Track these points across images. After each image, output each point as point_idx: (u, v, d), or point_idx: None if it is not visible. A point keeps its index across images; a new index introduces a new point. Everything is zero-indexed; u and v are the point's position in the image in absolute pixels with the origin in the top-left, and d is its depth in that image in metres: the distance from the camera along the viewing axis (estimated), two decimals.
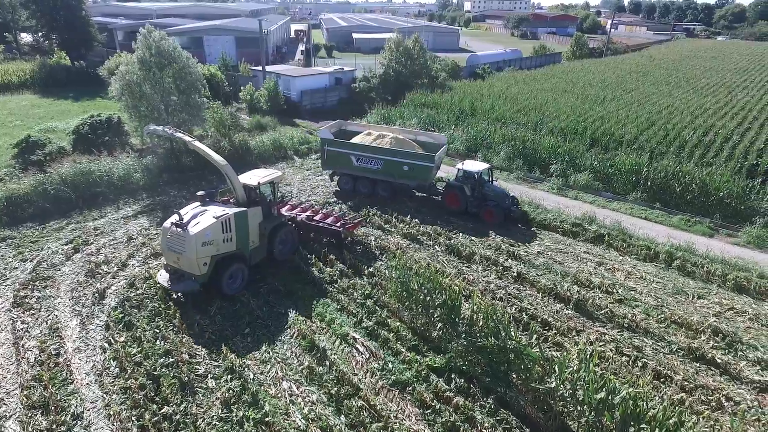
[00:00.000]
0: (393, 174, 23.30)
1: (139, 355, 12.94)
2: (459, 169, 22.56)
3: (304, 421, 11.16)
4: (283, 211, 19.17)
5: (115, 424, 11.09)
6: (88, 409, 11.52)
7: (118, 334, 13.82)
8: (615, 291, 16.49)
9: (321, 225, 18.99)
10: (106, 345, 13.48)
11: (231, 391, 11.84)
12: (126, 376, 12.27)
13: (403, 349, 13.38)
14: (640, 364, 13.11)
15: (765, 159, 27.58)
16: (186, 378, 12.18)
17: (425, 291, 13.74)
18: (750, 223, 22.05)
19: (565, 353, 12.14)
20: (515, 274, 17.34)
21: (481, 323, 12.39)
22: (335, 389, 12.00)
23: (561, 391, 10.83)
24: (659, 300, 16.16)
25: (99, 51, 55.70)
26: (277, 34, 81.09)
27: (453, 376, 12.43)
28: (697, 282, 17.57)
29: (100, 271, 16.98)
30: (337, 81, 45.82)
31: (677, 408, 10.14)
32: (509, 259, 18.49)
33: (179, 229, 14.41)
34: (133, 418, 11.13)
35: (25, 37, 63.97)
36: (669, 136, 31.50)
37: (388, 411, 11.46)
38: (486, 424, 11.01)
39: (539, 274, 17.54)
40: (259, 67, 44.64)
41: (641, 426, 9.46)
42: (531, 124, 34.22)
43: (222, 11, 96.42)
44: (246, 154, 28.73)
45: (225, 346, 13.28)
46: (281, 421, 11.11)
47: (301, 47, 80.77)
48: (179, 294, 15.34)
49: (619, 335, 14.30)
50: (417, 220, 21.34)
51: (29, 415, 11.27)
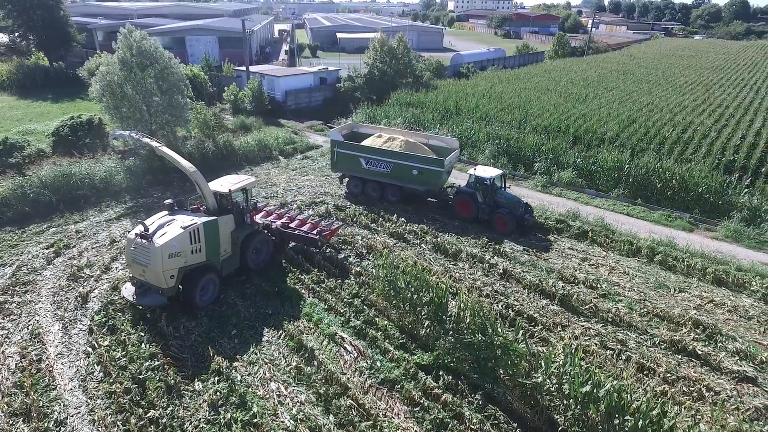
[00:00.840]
0: (402, 178, 22.81)
1: (124, 358, 12.78)
2: (471, 175, 21.74)
3: (292, 421, 11.14)
4: (258, 217, 18.40)
5: (99, 429, 10.92)
6: (72, 415, 11.34)
7: (101, 338, 13.62)
8: (599, 286, 16.78)
9: (297, 232, 18.25)
10: (90, 349, 13.27)
11: (218, 393, 11.75)
12: (110, 381, 12.10)
13: (391, 348, 13.43)
14: (624, 358, 13.37)
15: (741, 155, 28.25)
16: (172, 381, 12.06)
17: (412, 289, 13.82)
18: (728, 217, 22.61)
19: (550, 348, 12.32)
20: (501, 271, 17.53)
21: (467, 320, 12.51)
22: (324, 389, 11.99)
23: (547, 386, 11.00)
24: (642, 294, 16.47)
25: (78, 51, 54.68)
26: (261, 34, 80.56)
27: (441, 374, 12.53)
28: (678, 276, 17.96)
29: (83, 274, 16.71)
30: (322, 81, 45.71)
31: (660, 399, 10.37)
32: (495, 256, 18.68)
33: (144, 241, 13.77)
34: (118, 423, 10.98)
35: (1, 38, 62.47)
36: (649, 134, 32.07)
37: (377, 409, 11.50)
38: (474, 420, 11.10)
39: (525, 270, 17.75)
40: (243, 68, 44.32)
41: (625, 418, 9.65)
42: (515, 122, 34.55)
43: (204, 11, 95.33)
44: (230, 155, 28.57)
45: (212, 348, 13.19)
46: (269, 422, 11.08)
47: (285, 47, 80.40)
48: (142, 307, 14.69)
49: (604, 329, 14.55)
50: (404, 219, 21.41)
51: (11, 422, 11.04)
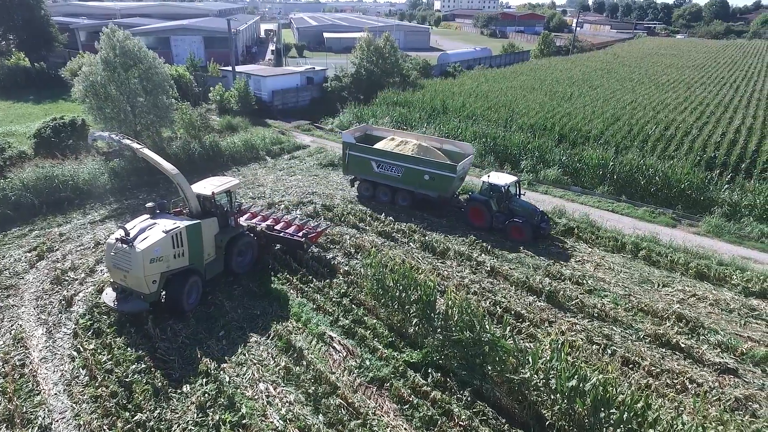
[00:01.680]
0: (413, 183, 22.31)
1: (110, 362, 12.62)
2: (484, 182, 21.00)
3: (281, 421, 11.11)
4: (243, 220, 18.21)
5: None
6: (57, 420, 11.18)
7: (87, 341, 13.44)
8: (585, 282, 16.99)
9: (282, 235, 18.05)
10: (75, 353, 13.09)
11: (206, 394, 11.67)
12: (96, 384, 11.94)
13: (379, 346, 13.46)
14: (609, 352, 13.57)
15: (722, 152, 28.80)
16: (159, 383, 11.96)
17: (400, 288, 13.84)
18: (709, 213, 23.05)
19: (537, 344, 12.42)
20: (489, 269, 17.66)
21: (456, 318, 12.55)
22: (313, 389, 11.98)
23: (534, 381, 11.11)
24: (627, 289, 16.72)
25: (60, 52, 53.84)
26: (247, 33, 79.99)
27: (430, 371, 12.59)
28: (661, 271, 18.26)
29: (67, 278, 16.47)
30: (309, 80, 45.57)
31: (644, 392, 10.56)
32: (483, 254, 18.81)
33: (125, 246, 13.49)
34: (104, 428, 10.85)
35: None
36: (633, 131, 32.54)
37: (367, 408, 11.52)
38: (463, 417, 11.18)
39: (512, 267, 17.90)
40: (229, 68, 43.97)
41: (611, 411, 9.79)
42: (501, 121, 34.82)
43: (189, 11, 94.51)
44: (217, 156, 28.35)
45: (199, 350, 13.10)
46: (258, 423, 11.04)
47: (271, 47, 79.94)
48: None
49: (590, 324, 14.74)
50: (391, 218, 21.46)
51: None
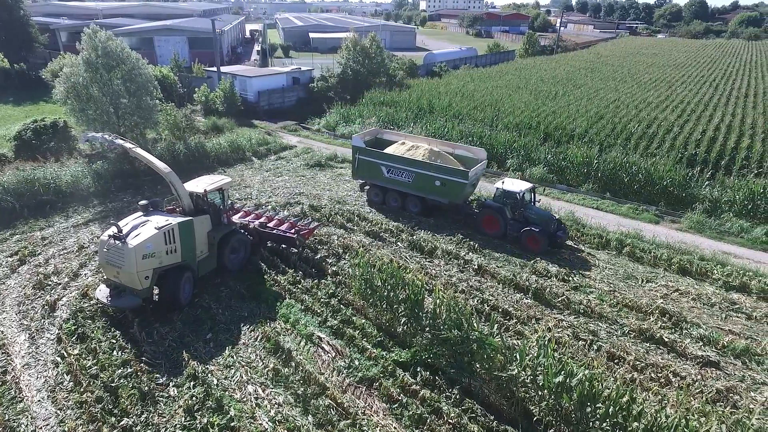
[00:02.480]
0: (424, 189, 21.73)
1: (95, 367, 12.45)
2: (498, 189, 20.35)
3: (270, 423, 11.07)
4: (235, 218, 18.36)
5: None
6: (41, 428, 10.99)
7: (71, 346, 13.24)
8: (571, 279, 17.20)
9: (274, 232, 18.19)
10: (59, 359, 12.88)
11: (194, 398, 11.58)
12: (81, 390, 11.77)
13: (368, 346, 13.47)
14: (595, 348, 13.76)
15: (702, 149, 29.35)
16: (146, 387, 11.83)
17: (389, 287, 13.87)
18: (691, 209, 23.48)
19: (525, 341, 12.57)
20: (476, 267, 17.79)
21: (444, 316, 12.63)
22: (302, 390, 11.95)
23: (522, 378, 11.22)
24: (611, 285, 16.97)
25: (41, 52, 52.98)
26: (232, 34, 79.34)
27: (418, 370, 12.64)
28: (645, 267, 18.56)
29: (50, 282, 16.20)
30: (295, 81, 45.39)
31: (629, 386, 10.73)
32: (470, 253, 18.93)
33: (117, 242, 13.63)
34: None
35: None
36: (616, 129, 33.01)
37: (356, 408, 11.53)
38: (452, 415, 11.24)
39: (499, 266, 18.05)
40: (214, 68, 43.60)
41: (597, 405, 9.96)
42: (487, 120, 35.07)
43: (173, 11, 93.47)
44: (203, 157, 28.09)
45: (186, 353, 12.98)
46: (247, 425, 10.98)
47: (257, 47, 79.39)
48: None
49: (576, 321, 14.93)
50: (379, 218, 21.45)
51: None
